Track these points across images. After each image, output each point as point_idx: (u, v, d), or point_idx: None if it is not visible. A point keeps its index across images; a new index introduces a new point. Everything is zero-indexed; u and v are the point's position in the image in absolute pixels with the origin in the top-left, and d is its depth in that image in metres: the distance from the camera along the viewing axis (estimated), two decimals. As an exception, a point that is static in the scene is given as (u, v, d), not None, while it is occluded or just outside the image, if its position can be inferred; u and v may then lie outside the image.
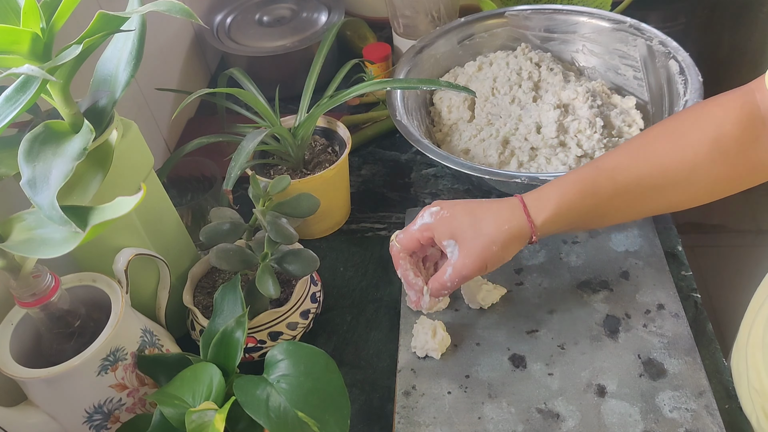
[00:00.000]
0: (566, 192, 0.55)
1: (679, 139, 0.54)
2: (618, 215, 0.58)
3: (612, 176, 0.54)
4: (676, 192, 0.55)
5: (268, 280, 0.57)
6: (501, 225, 0.54)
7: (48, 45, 0.43)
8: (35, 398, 0.50)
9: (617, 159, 0.55)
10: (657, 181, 0.54)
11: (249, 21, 1.02)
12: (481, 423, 0.56)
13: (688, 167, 0.53)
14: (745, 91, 0.53)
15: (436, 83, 0.70)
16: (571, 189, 0.55)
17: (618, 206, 0.56)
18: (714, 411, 0.55)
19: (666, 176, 0.54)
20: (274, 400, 0.46)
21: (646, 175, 0.54)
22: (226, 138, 0.71)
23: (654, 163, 0.54)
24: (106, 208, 0.38)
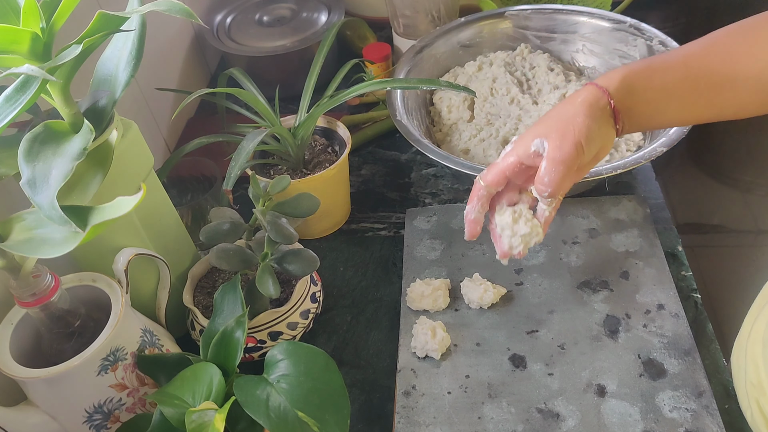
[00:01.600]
0: (634, 65, 0.54)
1: (755, 36, 0.53)
2: (687, 105, 0.56)
3: (684, 61, 0.54)
4: (746, 90, 0.54)
5: (268, 280, 0.57)
6: (574, 100, 0.54)
7: (48, 45, 0.43)
8: (35, 398, 0.50)
9: (691, 48, 0.55)
10: (728, 76, 0.53)
11: (249, 21, 1.02)
12: (481, 423, 0.56)
13: (760, 66, 0.52)
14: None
15: (436, 83, 0.70)
16: (640, 64, 0.55)
17: (687, 92, 0.54)
18: (714, 411, 0.55)
19: (737, 72, 0.53)
20: (274, 400, 0.46)
21: (718, 68, 0.53)
22: (226, 138, 0.71)
23: (728, 57, 0.53)
24: (106, 208, 0.38)
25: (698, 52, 0.54)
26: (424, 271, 0.70)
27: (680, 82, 0.54)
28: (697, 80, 0.54)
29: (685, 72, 0.54)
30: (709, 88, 0.54)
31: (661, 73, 0.54)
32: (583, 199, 0.75)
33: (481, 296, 0.65)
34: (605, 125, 0.54)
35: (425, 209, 0.78)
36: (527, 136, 0.55)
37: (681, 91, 0.55)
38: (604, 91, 0.53)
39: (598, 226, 0.72)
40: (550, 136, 0.53)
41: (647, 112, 0.56)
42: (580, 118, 0.52)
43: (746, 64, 0.53)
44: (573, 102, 0.54)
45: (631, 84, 0.54)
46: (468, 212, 0.58)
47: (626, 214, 0.73)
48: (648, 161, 0.65)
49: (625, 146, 0.76)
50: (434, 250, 0.72)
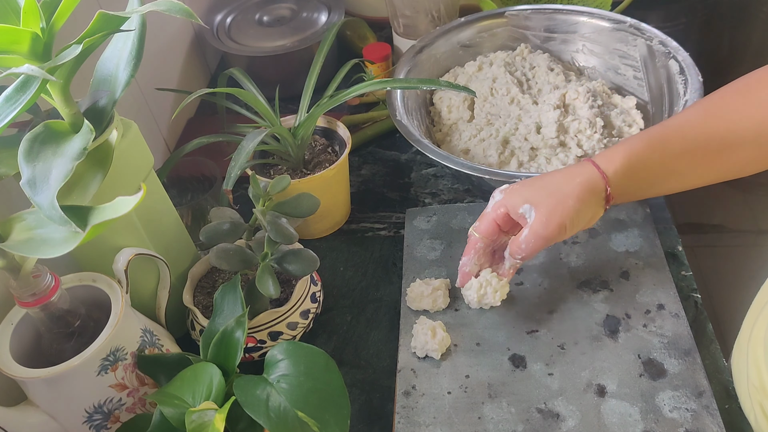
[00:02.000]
0: (634, 145, 0.54)
1: (748, 96, 0.54)
2: (687, 176, 0.57)
3: (682, 132, 0.54)
4: (744, 151, 0.55)
5: (268, 280, 0.57)
6: (572, 178, 0.54)
7: (48, 45, 0.43)
8: (35, 398, 0.50)
9: (687, 116, 0.55)
10: (726, 140, 0.54)
11: (249, 21, 1.02)
12: (481, 423, 0.56)
13: (756, 125, 0.53)
14: None
15: (436, 83, 0.70)
16: (639, 142, 0.55)
17: (687, 164, 0.55)
18: (714, 411, 0.55)
19: (735, 134, 0.54)
20: (274, 400, 0.46)
21: (715, 133, 0.54)
22: (226, 138, 0.71)
23: (723, 121, 0.54)
24: (106, 208, 0.38)
25: (695, 119, 0.55)
26: (424, 271, 0.70)
27: (679, 156, 0.55)
28: (695, 150, 0.55)
29: (684, 145, 0.54)
30: (707, 155, 0.55)
31: (660, 151, 0.55)
32: (583, 199, 0.75)
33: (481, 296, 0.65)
34: (595, 206, 0.55)
35: (425, 209, 0.78)
36: (518, 194, 0.56)
37: (680, 165, 0.56)
38: (603, 177, 0.54)
39: (598, 225, 0.72)
40: (539, 208, 0.54)
41: (643, 189, 0.57)
42: (572, 201, 0.54)
43: (743, 125, 0.53)
44: (571, 180, 0.54)
45: (631, 167, 0.54)
46: (464, 264, 0.60)
47: (626, 214, 0.73)
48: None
49: (625, 146, 0.76)
50: (434, 250, 0.72)
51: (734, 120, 0.54)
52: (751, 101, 0.54)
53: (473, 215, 0.75)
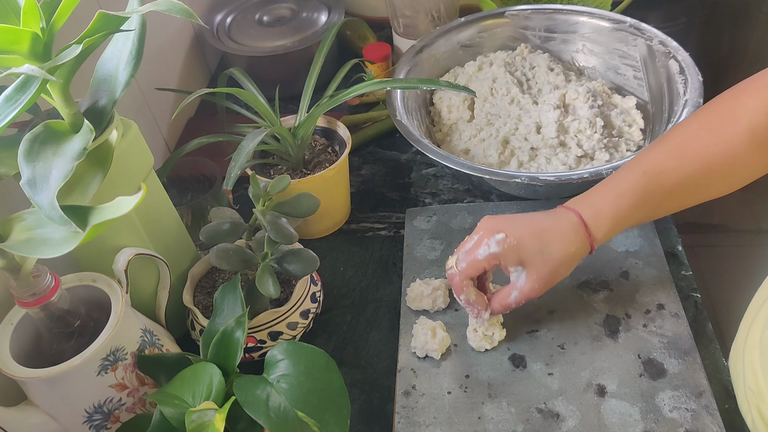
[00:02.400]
0: (621, 206, 0.56)
1: (718, 134, 0.55)
2: (663, 214, 0.60)
3: (660, 181, 0.56)
4: (718, 185, 0.57)
5: (268, 279, 0.57)
6: (568, 248, 0.56)
7: (48, 45, 0.43)
8: (35, 398, 0.50)
9: (662, 162, 0.56)
10: (701, 179, 0.56)
11: (249, 21, 1.02)
12: (481, 423, 0.56)
13: (729, 161, 0.55)
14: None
15: (436, 83, 0.70)
16: (626, 202, 0.56)
17: (665, 207, 0.58)
18: (714, 411, 0.55)
19: (710, 173, 0.55)
20: (274, 400, 0.46)
21: (692, 175, 0.55)
22: (226, 138, 0.71)
23: (698, 162, 0.55)
24: (106, 208, 0.38)
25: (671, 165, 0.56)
26: (424, 271, 0.70)
27: (659, 204, 0.57)
28: (673, 195, 0.57)
29: (663, 193, 0.56)
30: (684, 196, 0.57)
31: (644, 207, 0.57)
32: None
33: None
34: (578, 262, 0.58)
35: (425, 209, 0.78)
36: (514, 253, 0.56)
37: (658, 211, 0.58)
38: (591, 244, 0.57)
39: (598, 226, 0.72)
40: (531, 273, 0.56)
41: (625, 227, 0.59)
42: (564, 269, 0.56)
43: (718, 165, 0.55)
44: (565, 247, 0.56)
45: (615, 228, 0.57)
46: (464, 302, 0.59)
47: (626, 214, 0.73)
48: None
49: (625, 146, 0.76)
50: (434, 250, 0.72)
51: (708, 160, 0.55)
52: (721, 140, 0.55)
53: (473, 215, 0.75)
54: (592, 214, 0.56)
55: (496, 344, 0.62)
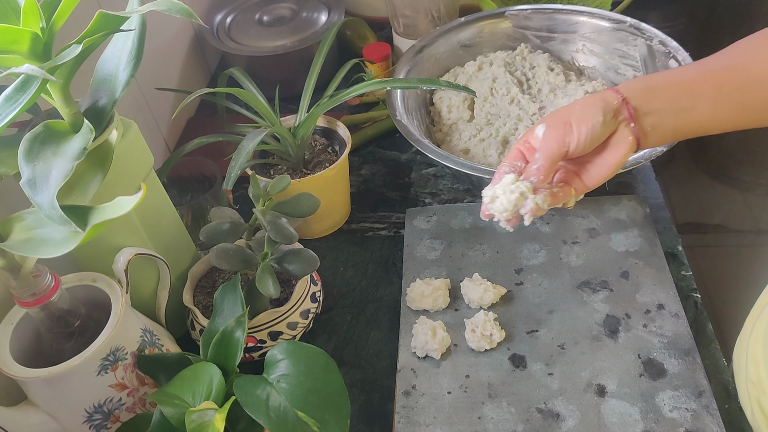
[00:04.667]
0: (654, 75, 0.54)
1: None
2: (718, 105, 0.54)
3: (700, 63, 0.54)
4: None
5: (268, 279, 0.57)
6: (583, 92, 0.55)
7: (48, 45, 0.43)
8: (35, 398, 0.50)
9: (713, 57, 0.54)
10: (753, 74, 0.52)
11: (249, 21, 1.02)
12: (481, 423, 0.56)
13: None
14: None
15: (436, 83, 0.70)
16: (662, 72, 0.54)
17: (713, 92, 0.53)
18: (714, 411, 0.55)
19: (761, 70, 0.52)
20: (274, 399, 0.46)
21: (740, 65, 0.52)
22: (226, 138, 0.71)
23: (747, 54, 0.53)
24: (106, 208, 0.38)
25: (717, 55, 0.54)
26: (424, 271, 0.70)
27: (703, 82, 0.53)
28: (720, 80, 0.53)
29: (703, 73, 0.53)
30: (735, 89, 0.53)
31: (679, 73, 0.54)
32: (583, 199, 0.75)
33: (481, 296, 0.65)
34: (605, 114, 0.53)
35: (425, 209, 0.78)
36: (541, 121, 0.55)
37: (705, 90, 0.53)
38: (615, 91, 0.53)
39: (598, 225, 0.72)
40: (548, 121, 0.54)
41: (674, 110, 0.54)
42: (578, 105, 0.53)
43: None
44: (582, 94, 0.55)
45: (650, 84, 0.54)
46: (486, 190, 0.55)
47: (626, 214, 0.73)
48: (648, 161, 0.65)
49: (625, 146, 0.76)
50: (434, 250, 0.72)
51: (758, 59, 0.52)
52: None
53: (473, 215, 0.75)
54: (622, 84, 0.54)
55: (496, 344, 0.62)
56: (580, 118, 0.53)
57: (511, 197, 0.52)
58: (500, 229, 0.73)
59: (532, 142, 0.56)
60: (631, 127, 0.53)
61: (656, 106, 0.53)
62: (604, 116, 0.53)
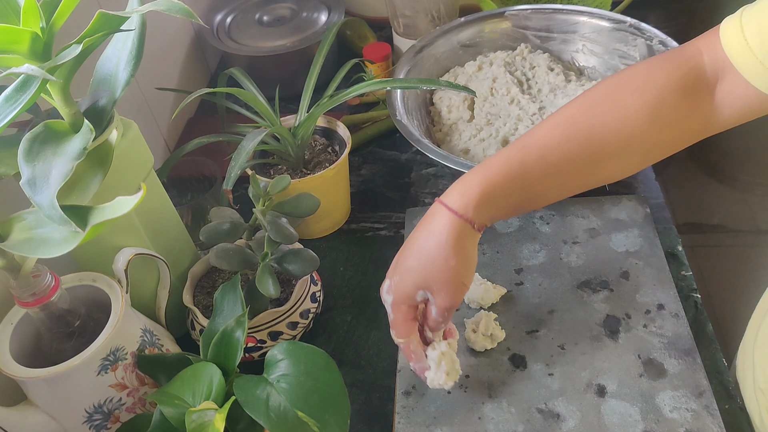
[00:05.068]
0: (491, 176, 0.50)
1: (617, 107, 0.50)
2: (552, 195, 0.55)
3: (542, 155, 0.50)
4: (610, 164, 0.52)
5: (268, 279, 0.57)
6: (441, 239, 0.50)
7: (48, 44, 0.43)
8: (35, 398, 0.50)
9: (548, 136, 0.51)
10: (592, 156, 0.51)
11: (249, 21, 1.02)
12: (481, 423, 0.56)
13: (624, 138, 0.50)
14: (691, 55, 0.51)
15: (436, 83, 0.70)
16: (496, 173, 0.50)
17: (551, 186, 0.53)
18: (714, 411, 0.55)
19: (602, 149, 0.51)
20: (274, 399, 0.46)
21: (579, 152, 0.50)
22: (226, 138, 0.71)
23: (587, 137, 0.50)
24: (106, 208, 0.38)
25: (557, 140, 0.51)
26: (424, 271, 0.70)
27: (542, 180, 0.52)
28: (558, 173, 0.52)
29: (545, 169, 0.51)
30: (570, 176, 0.52)
31: (520, 180, 0.51)
32: (583, 199, 0.75)
33: (482, 296, 0.65)
34: (471, 245, 0.52)
35: (425, 209, 0.77)
36: (405, 284, 0.52)
37: (543, 188, 0.53)
38: (463, 219, 0.50)
39: (598, 225, 0.72)
40: (431, 288, 0.52)
41: (511, 211, 0.54)
42: (453, 261, 0.50)
43: (611, 142, 0.51)
44: (439, 240, 0.50)
45: (490, 199, 0.51)
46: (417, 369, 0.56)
47: (626, 214, 0.73)
48: (648, 161, 0.65)
49: (625, 146, 0.76)
50: (434, 250, 0.72)
51: (600, 137, 0.50)
52: (618, 116, 0.50)
53: (473, 215, 0.75)
54: (455, 190, 0.51)
55: (496, 344, 0.62)
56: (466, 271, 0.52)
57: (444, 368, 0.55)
58: (500, 229, 0.73)
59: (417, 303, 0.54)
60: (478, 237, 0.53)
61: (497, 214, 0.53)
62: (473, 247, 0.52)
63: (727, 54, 0.49)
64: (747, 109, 0.50)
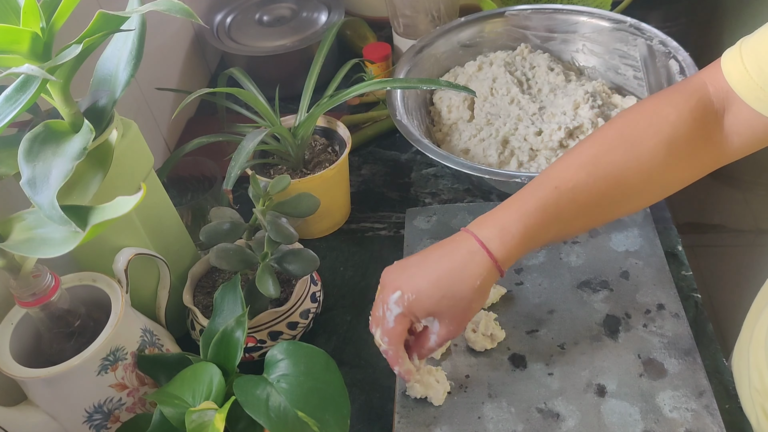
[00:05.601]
0: (529, 224, 0.51)
1: (635, 147, 0.52)
2: (578, 231, 0.58)
3: (573, 198, 0.52)
4: (633, 200, 0.55)
5: (268, 279, 0.57)
6: (472, 284, 0.51)
7: (48, 44, 0.43)
8: (35, 398, 0.50)
9: (575, 176, 0.52)
10: (616, 195, 0.53)
11: (249, 21, 1.02)
12: (481, 423, 0.56)
13: (645, 176, 0.52)
14: (696, 87, 0.52)
15: (436, 83, 0.70)
16: (534, 219, 0.51)
17: (580, 224, 0.55)
18: (714, 411, 0.55)
19: (625, 188, 0.53)
20: (274, 399, 0.46)
21: (606, 191, 0.52)
22: (226, 138, 0.71)
23: (612, 178, 0.52)
24: (106, 208, 0.38)
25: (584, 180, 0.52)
26: (424, 271, 0.70)
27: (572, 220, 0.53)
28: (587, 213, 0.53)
29: (576, 210, 0.52)
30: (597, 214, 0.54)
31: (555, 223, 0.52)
32: (583, 199, 0.75)
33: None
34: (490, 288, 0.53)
35: (425, 209, 0.78)
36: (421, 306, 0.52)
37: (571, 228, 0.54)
38: (500, 271, 0.51)
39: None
40: (443, 320, 0.52)
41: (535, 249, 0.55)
42: (476, 304, 0.52)
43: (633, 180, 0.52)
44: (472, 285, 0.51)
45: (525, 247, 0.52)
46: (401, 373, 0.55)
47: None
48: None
49: (625, 146, 0.76)
50: (434, 250, 0.72)
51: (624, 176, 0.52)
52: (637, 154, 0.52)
53: (473, 215, 0.75)
54: (495, 234, 0.51)
55: (496, 344, 0.62)
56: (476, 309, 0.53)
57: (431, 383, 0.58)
58: None
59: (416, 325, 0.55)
60: None
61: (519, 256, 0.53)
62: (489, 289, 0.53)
63: (729, 84, 0.51)
64: (754, 136, 0.51)
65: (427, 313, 0.52)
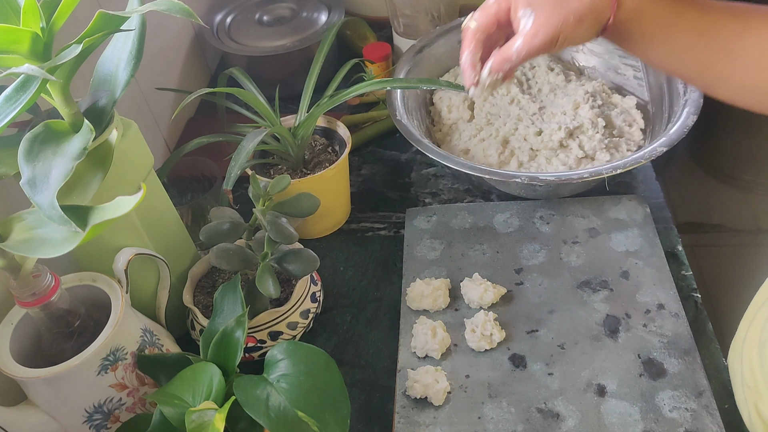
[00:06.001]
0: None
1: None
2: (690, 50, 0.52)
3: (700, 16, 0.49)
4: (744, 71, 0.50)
5: (268, 279, 0.57)
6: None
7: (48, 44, 0.43)
8: (35, 398, 0.50)
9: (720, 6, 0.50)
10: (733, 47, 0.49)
11: (249, 21, 1.02)
12: (481, 423, 0.56)
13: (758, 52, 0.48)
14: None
15: (436, 83, 0.70)
16: None
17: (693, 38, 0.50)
18: (714, 411, 0.55)
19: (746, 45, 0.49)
20: (274, 399, 0.46)
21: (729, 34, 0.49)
22: (226, 138, 0.71)
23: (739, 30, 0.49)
24: (106, 208, 0.38)
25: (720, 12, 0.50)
26: (424, 271, 0.70)
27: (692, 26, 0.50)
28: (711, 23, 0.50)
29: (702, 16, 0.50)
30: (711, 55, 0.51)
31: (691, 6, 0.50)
32: (583, 199, 0.75)
33: (481, 296, 0.65)
34: (590, 29, 0.51)
35: (425, 209, 0.78)
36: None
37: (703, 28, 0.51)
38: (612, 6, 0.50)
39: (598, 225, 0.72)
40: (540, 15, 0.51)
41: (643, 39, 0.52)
42: (574, 18, 0.50)
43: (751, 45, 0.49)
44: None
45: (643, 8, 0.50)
46: (465, 60, 0.54)
47: (626, 214, 0.73)
48: (648, 161, 0.65)
49: (625, 146, 0.76)
50: (434, 249, 0.72)
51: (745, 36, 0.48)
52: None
53: (473, 215, 0.75)
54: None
55: (496, 344, 0.62)
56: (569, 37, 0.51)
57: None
58: (500, 229, 0.73)
59: (513, 23, 0.53)
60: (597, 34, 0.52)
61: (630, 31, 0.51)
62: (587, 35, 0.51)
63: None
64: None
65: (529, 3, 0.51)
